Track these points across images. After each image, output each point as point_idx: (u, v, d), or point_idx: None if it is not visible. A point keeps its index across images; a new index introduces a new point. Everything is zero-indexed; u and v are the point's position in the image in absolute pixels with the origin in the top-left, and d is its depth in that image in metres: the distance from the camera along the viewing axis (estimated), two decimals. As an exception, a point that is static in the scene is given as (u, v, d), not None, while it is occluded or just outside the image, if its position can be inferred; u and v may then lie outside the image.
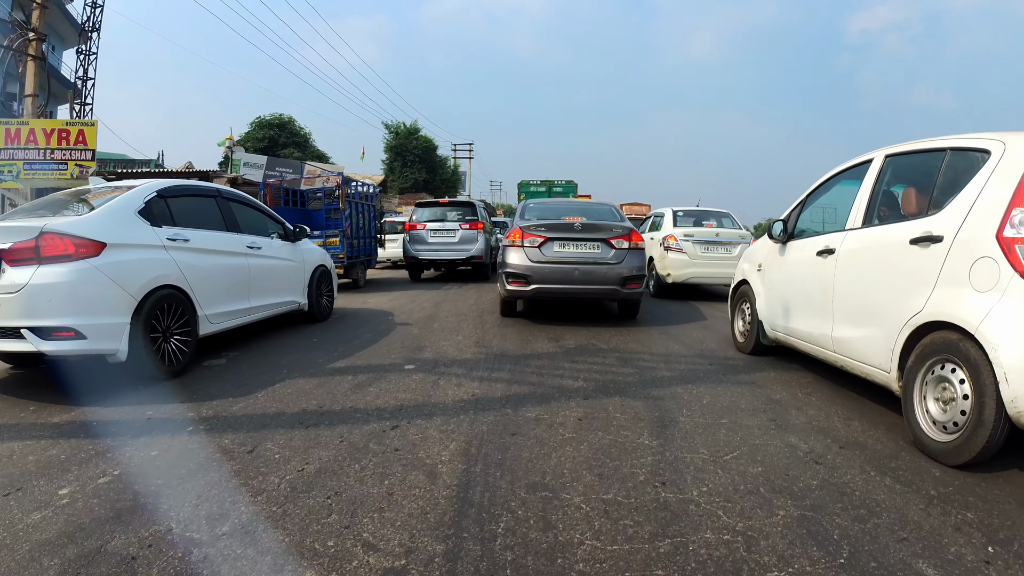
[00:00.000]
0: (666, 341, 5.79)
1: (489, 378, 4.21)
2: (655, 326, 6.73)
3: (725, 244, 9.38)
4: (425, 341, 5.58)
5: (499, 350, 5.15)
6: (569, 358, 4.88)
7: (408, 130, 37.84)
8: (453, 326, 6.40)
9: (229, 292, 4.87)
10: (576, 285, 6.14)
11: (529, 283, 6.14)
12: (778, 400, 3.83)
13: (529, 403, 3.63)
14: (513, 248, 6.32)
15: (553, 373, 4.37)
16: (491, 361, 4.74)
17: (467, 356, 4.94)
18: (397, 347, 5.31)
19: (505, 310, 7.00)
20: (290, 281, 6.02)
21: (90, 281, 3.57)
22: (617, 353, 5.11)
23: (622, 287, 6.18)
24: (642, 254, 6.43)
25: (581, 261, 6.16)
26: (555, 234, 6.25)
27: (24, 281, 3.40)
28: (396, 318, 7.05)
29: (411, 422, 3.26)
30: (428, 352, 5.08)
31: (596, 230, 6.29)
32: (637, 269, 6.26)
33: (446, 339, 5.68)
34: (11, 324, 3.40)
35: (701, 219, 10.37)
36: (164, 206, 4.39)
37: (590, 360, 4.80)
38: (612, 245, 6.25)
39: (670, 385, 4.11)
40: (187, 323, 4.25)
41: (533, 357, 4.90)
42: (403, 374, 4.32)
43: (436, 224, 11.57)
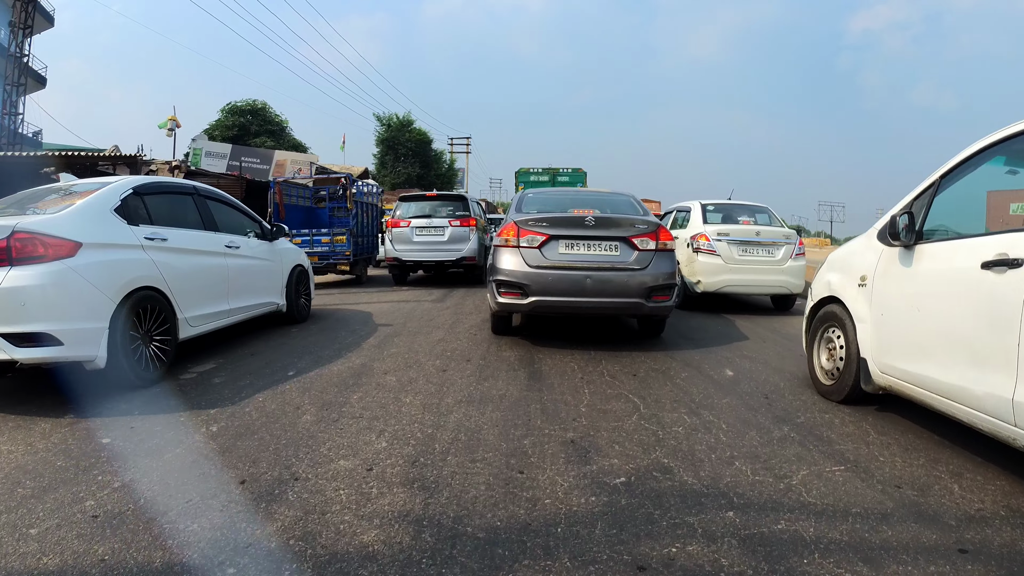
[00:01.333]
0: (708, 381, 4.13)
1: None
2: (685, 349, 5.25)
3: (767, 245, 7.64)
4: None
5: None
6: (555, 420, 3.20)
7: (401, 122, 36.45)
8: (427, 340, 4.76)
9: (208, 293, 4.65)
10: (587, 298, 4.80)
11: (526, 294, 4.82)
12: (942, 511, 2.20)
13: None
14: (506, 249, 4.99)
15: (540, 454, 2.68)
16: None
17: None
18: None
19: (498, 327, 5.60)
20: (269, 281, 5.77)
21: (66, 283, 3.33)
22: (640, 412, 3.40)
23: (647, 300, 4.82)
24: (672, 257, 5.07)
25: (594, 266, 4.82)
26: (560, 231, 4.91)
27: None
28: (376, 320, 6.17)
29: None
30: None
31: (613, 226, 4.94)
32: (666, 276, 4.89)
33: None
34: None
35: (735, 214, 8.69)
36: (141, 204, 4.16)
37: (597, 432, 3.09)
38: (634, 245, 4.88)
39: (736, 484, 2.47)
40: (167, 327, 4.05)
41: (510, 402, 3.40)
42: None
43: (422, 221, 10.25)
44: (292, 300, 6.14)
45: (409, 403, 3.50)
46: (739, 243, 7.62)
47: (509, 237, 5.00)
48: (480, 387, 3.83)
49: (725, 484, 2.46)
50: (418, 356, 4.71)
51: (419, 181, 35.41)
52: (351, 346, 5.11)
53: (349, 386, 3.86)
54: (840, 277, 3.73)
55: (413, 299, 8.51)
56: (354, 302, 8.21)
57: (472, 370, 4.27)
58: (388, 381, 3.97)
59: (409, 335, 5.60)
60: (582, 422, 3.20)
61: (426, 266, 10.47)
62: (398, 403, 3.49)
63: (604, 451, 2.79)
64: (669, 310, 5.06)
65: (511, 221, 5.11)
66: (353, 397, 3.62)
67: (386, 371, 4.24)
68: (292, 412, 3.32)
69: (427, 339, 5.41)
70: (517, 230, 4.98)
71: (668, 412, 3.40)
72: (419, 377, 4.07)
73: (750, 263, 7.61)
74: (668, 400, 3.65)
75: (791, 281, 7.51)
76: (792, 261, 7.51)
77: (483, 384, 3.91)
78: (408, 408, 3.40)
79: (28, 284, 3.17)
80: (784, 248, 7.60)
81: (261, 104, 27.41)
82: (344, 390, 3.77)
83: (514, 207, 5.85)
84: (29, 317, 3.17)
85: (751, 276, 7.60)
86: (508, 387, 3.85)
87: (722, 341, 5.71)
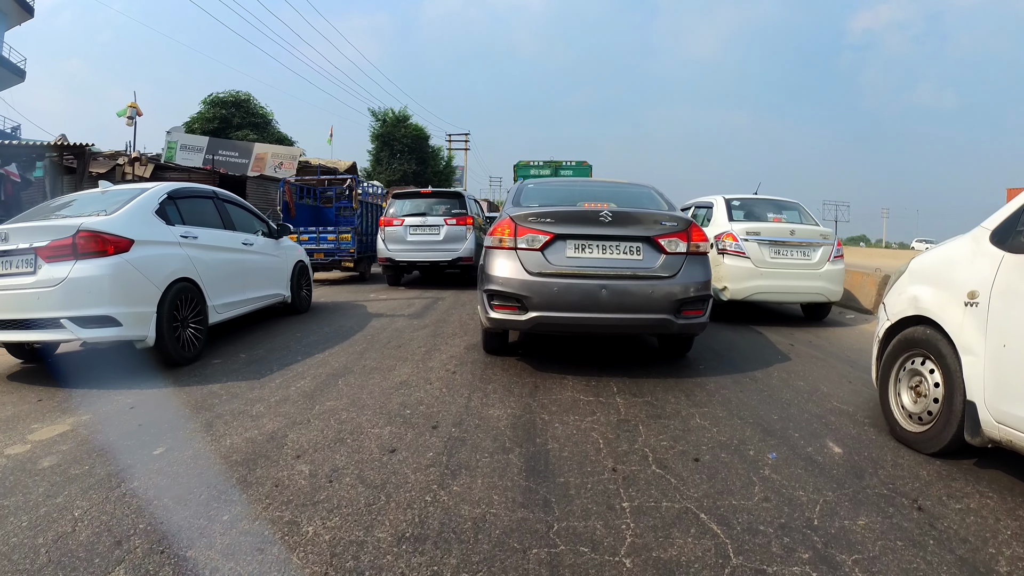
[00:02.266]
0: (809, 467, 2.62)
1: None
2: (715, 375, 4.23)
3: (802, 246, 6.65)
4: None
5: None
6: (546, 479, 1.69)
7: (396, 117, 35.02)
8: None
9: (231, 285, 5.14)
10: (602, 314, 3.85)
11: (526, 309, 3.90)
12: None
13: None
14: (500, 252, 4.06)
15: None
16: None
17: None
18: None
19: (490, 344, 4.66)
20: (277, 275, 6.24)
21: (123, 274, 3.89)
22: (731, 565, 1.86)
23: (676, 316, 3.91)
24: (706, 262, 4.16)
25: (611, 273, 3.91)
26: (569, 229, 4.00)
27: (63, 275, 3.71)
28: (329, 344, 4.46)
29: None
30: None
31: (635, 223, 4.04)
32: (700, 287, 4.00)
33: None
34: (51, 315, 3.69)
35: (764, 211, 7.69)
36: (174, 206, 4.70)
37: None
38: (660, 247, 3.99)
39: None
40: (200, 313, 4.57)
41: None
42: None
43: (417, 219, 9.69)
44: (295, 292, 6.62)
45: (310, 543, 1.96)
46: (771, 244, 6.61)
47: (504, 236, 4.02)
48: (444, 496, 2.28)
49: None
50: (360, 419, 3.16)
51: (415, 178, 34.02)
52: (264, 411, 3.58)
53: (221, 494, 2.32)
54: (934, 292, 2.94)
55: (387, 311, 6.97)
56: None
57: (437, 451, 2.71)
58: (294, 480, 2.42)
59: (362, 374, 4.06)
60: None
61: (421, 267, 9.85)
62: (287, 545, 1.95)
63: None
64: (702, 327, 4.11)
65: (506, 216, 4.12)
66: (216, 528, 2.08)
67: (300, 453, 2.69)
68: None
69: (384, 382, 3.86)
70: (514, 227, 4.00)
71: (779, 561, 1.86)
72: (347, 469, 2.52)
73: (784, 267, 6.61)
74: (767, 522, 2.11)
75: (829, 287, 6.58)
76: (830, 264, 6.57)
77: (450, 487, 2.36)
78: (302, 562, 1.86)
79: (93, 274, 3.75)
80: (821, 249, 6.61)
81: (245, 95, 25.77)
82: (215, 498, 2.23)
83: (511, 200, 4.77)
84: (94, 303, 3.74)
85: (785, 282, 6.60)
86: (492, 495, 2.29)
87: (758, 363, 4.60)
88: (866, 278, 8.19)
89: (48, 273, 3.72)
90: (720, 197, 7.48)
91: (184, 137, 19.74)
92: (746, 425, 3.14)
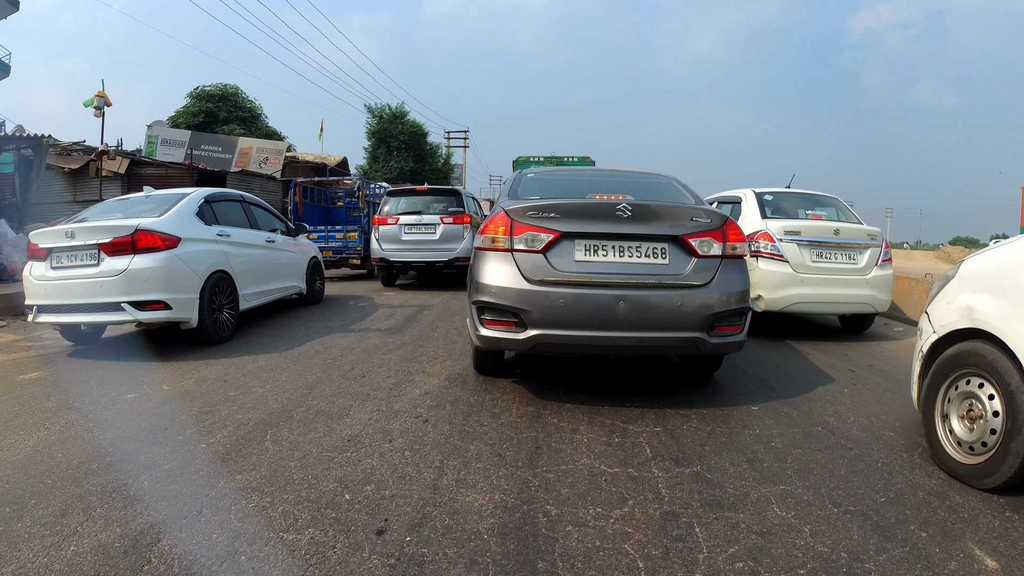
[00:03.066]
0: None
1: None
2: (773, 419, 3.26)
3: (848, 248, 5.75)
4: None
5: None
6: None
7: (393, 113, 34.01)
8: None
9: (257, 277, 5.75)
10: (619, 332, 3.13)
11: (524, 325, 3.17)
12: None
13: None
14: (493, 255, 3.33)
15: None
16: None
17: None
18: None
19: (482, 363, 3.97)
20: (295, 269, 6.86)
21: (173, 266, 4.56)
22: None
23: (709, 333, 3.22)
24: (744, 267, 3.47)
25: (630, 281, 3.20)
26: (578, 225, 3.27)
27: (123, 267, 4.39)
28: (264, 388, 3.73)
29: None
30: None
31: (659, 218, 3.33)
32: (738, 297, 3.31)
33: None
34: (114, 300, 4.37)
35: (801, 208, 6.67)
36: (210, 209, 5.35)
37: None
38: (691, 249, 3.30)
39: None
40: (232, 300, 5.23)
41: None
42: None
43: (412, 218, 9.34)
44: (309, 285, 7.21)
45: None
46: (812, 245, 5.68)
47: (497, 236, 3.28)
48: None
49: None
50: (273, 511, 2.09)
51: (413, 176, 33.03)
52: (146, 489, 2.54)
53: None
54: (994, 301, 2.55)
55: (361, 322, 5.92)
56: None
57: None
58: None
59: (302, 422, 3.00)
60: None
61: (416, 267, 9.52)
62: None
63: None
64: (740, 346, 3.41)
65: (500, 211, 3.37)
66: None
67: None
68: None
69: (327, 436, 2.80)
70: (510, 224, 3.26)
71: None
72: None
73: (827, 272, 5.67)
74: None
75: (877, 296, 5.71)
76: (878, 269, 5.73)
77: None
78: None
79: (148, 266, 4.45)
80: (869, 252, 5.73)
81: (233, 88, 24.60)
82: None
83: (506, 192, 3.98)
84: (150, 290, 4.44)
85: (828, 290, 5.66)
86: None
87: (829, 399, 3.58)
88: (914, 284, 7.16)
89: (110, 265, 4.44)
90: (750, 191, 6.46)
91: (165, 131, 18.66)
92: (848, 519, 2.11)
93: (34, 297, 4.62)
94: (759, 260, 5.68)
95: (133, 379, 3.97)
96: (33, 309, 4.64)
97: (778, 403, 3.48)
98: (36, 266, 4.66)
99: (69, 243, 4.51)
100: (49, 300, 4.55)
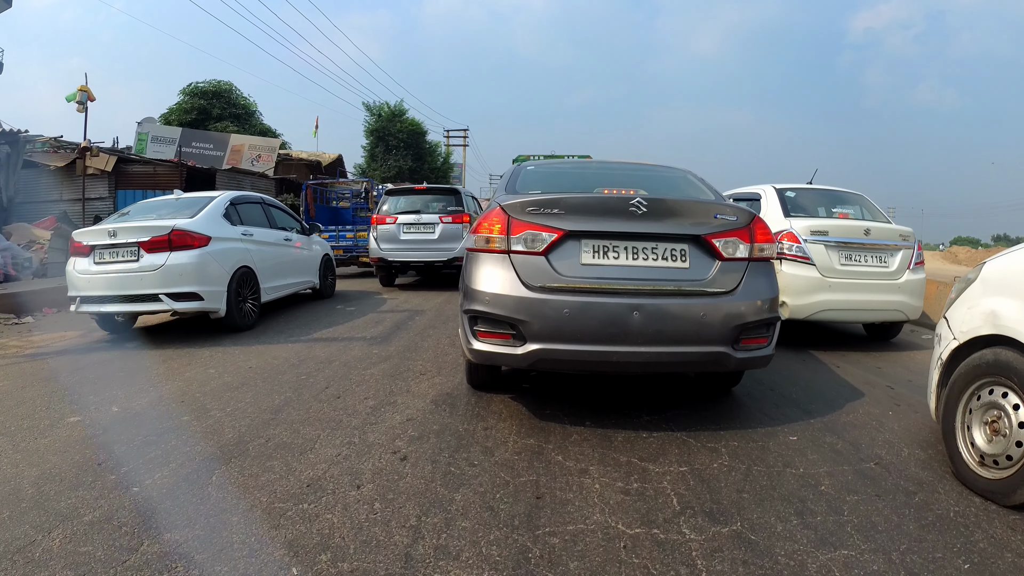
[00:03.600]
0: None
1: None
2: (816, 453, 2.80)
3: (879, 250, 5.27)
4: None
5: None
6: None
7: (392, 112, 33.53)
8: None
9: (276, 272, 6.32)
10: (633, 346, 2.70)
11: (523, 338, 2.74)
12: None
13: None
14: (487, 257, 2.92)
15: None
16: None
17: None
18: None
19: (476, 378, 3.56)
20: (309, 265, 7.40)
21: (205, 262, 5.12)
22: None
23: (734, 347, 2.80)
24: (772, 271, 3.07)
25: (645, 288, 2.77)
26: (586, 223, 2.84)
27: (161, 263, 4.95)
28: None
29: None
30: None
31: (678, 215, 2.92)
32: (767, 306, 2.90)
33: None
34: (153, 291, 4.93)
35: (825, 205, 6.23)
36: (235, 210, 5.94)
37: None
38: (715, 251, 2.88)
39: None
40: (255, 293, 5.79)
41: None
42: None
43: (411, 217, 9.23)
44: (322, 280, 7.72)
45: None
46: (841, 247, 5.19)
47: (492, 235, 2.88)
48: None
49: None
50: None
51: (411, 175, 32.56)
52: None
53: None
54: (1021, 306, 2.36)
55: (344, 330, 5.43)
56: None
57: None
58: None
59: (257, 460, 2.51)
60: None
61: (415, 267, 9.43)
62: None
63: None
64: (767, 361, 2.98)
65: (496, 206, 2.97)
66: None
67: None
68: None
69: (283, 480, 2.30)
70: (507, 221, 2.86)
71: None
72: None
73: (857, 276, 5.20)
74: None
75: (909, 303, 5.24)
76: (911, 273, 5.26)
77: None
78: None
79: (183, 262, 5.00)
80: (901, 254, 5.26)
81: (227, 85, 24.06)
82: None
83: (503, 186, 3.57)
84: (185, 283, 4.98)
85: (857, 296, 5.18)
86: None
87: (876, 424, 3.12)
88: (943, 289, 6.67)
89: (149, 261, 4.97)
90: (770, 187, 5.98)
91: (156, 128, 18.16)
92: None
93: (77, 289, 5.12)
94: (783, 263, 5.17)
95: (82, 397, 3.50)
96: (76, 300, 5.12)
97: (818, 430, 3.00)
98: (79, 261, 5.15)
99: (111, 241, 5.05)
100: (92, 292, 5.04)
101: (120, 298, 4.97)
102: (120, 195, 14.10)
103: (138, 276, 4.91)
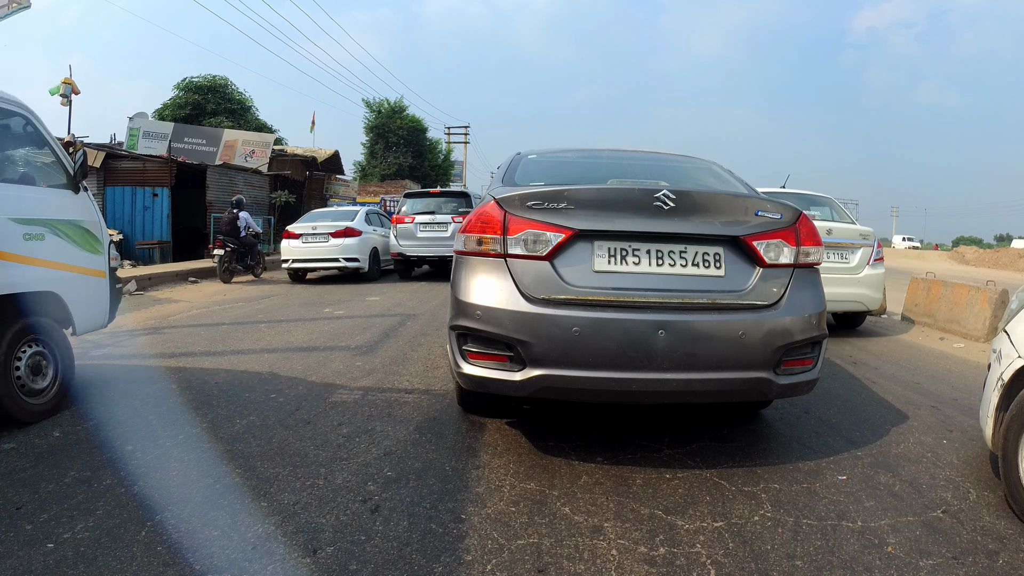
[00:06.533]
0: None
1: None
2: (874, 498, 2.30)
3: (840, 248, 5.85)
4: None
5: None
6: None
7: (392, 108, 33.06)
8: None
9: (384, 252, 11.03)
10: (657, 373, 2.21)
11: (523, 361, 2.25)
12: None
13: None
14: (479, 262, 2.43)
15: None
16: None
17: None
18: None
19: (467, 400, 3.04)
20: (385, 251, 11.26)
21: (361, 244, 10.15)
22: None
23: (776, 372, 2.33)
24: (819, 280, 2.62)
25: (672, 301, 2.28)
26: (599, 220, 2.34)
27: (340, 243, 9.92)
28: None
29: None
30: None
31: (710, 212, 2.42)
32: (815, 322, 2.44)
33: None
34: (335, 256, 9.95)
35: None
36: (368, 216, 11.03)
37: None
38: (755, 255, 2.41)
39: None
40: (378, 262, 10.79)
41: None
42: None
43: (426, 217, 10.57)
44: (372, 264, 10.93)
45: None
46: None
47: (485, 235, 2.40)
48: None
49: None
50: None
51: (412, 172, 32.08)
52: None
53: None
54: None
55: (329, 336, 4.98)
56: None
57: None
58: None
59: (200, 508, 2.06)
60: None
61: (430, 261, 10.87)
62: None
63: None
64: (812, 386, 2.52)
65: (491, 200, 2.47)
66: None
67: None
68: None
69: (227, 539, 1.87)
70: (503, 218, 2.38)
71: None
72: None
73: (824, 275, 5.31)
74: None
75: (869, 295, 5.89)
76: (870, 268, 5.89)
77: None
78: None
79: (351, 243, 9.95)
80: (861, 251, 5.87)
81: (222, 80, 23.53)
82: None
83: (499, 178, 3.11)
84: (351, 253, 9.97)
85: (828, 288, 5.26)
86: None
87: (933, 458, 2.54)
88: (975, 294, 6.22)
89: (334, 243, 9.89)
90: None
91: (148, 124, 17.71)
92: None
93: (290, 255, 10.00)
94: None
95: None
96: (289, 261, 9.98)
97: (868, 466, 2.55)
98: (292, 242, 10.01)
99: (313, 231, 10.00)
100: (298, 257, 9.97)
101: (314, 260, 9.97)
102: (108, 192, 13.62)
103: (327, 248, 9.83)
